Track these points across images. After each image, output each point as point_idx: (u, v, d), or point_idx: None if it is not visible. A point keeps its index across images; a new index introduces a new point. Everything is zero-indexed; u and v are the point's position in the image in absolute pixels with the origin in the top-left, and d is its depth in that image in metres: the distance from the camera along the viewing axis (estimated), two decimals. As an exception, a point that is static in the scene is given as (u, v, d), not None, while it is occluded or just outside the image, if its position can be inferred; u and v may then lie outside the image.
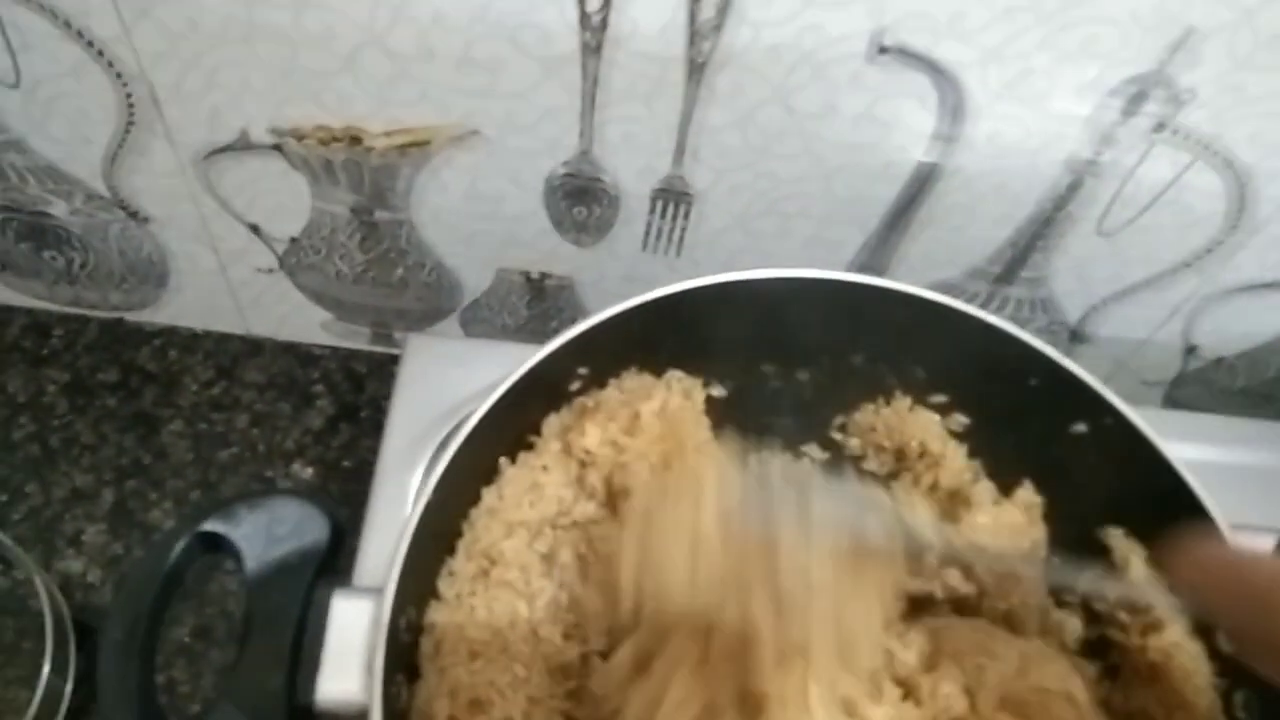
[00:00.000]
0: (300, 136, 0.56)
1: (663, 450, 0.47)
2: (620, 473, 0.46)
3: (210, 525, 0.38)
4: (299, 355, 0.74)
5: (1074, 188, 0.56)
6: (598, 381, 0.49)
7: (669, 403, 0.49)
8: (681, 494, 0.38)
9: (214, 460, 0.69)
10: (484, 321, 0.71)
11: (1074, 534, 0.48)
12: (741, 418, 0.51)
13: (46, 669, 0.56)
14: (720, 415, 0.51)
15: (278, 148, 0.57)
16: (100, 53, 0.52)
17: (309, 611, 0.38)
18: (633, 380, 0.49)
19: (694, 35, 0.49)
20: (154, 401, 0.71)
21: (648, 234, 0.62)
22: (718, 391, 0.52)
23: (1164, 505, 0.44)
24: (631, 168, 0.58)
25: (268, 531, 0.38)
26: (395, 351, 0.74)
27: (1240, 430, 0.66)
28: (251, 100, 0.54)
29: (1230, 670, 0.42)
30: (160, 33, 0.50)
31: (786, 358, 0.52)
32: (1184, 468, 0.44)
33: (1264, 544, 0.45)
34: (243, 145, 0.57)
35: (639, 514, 0.38)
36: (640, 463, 0.46)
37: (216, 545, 0.39)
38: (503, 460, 0.46)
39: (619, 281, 0.66)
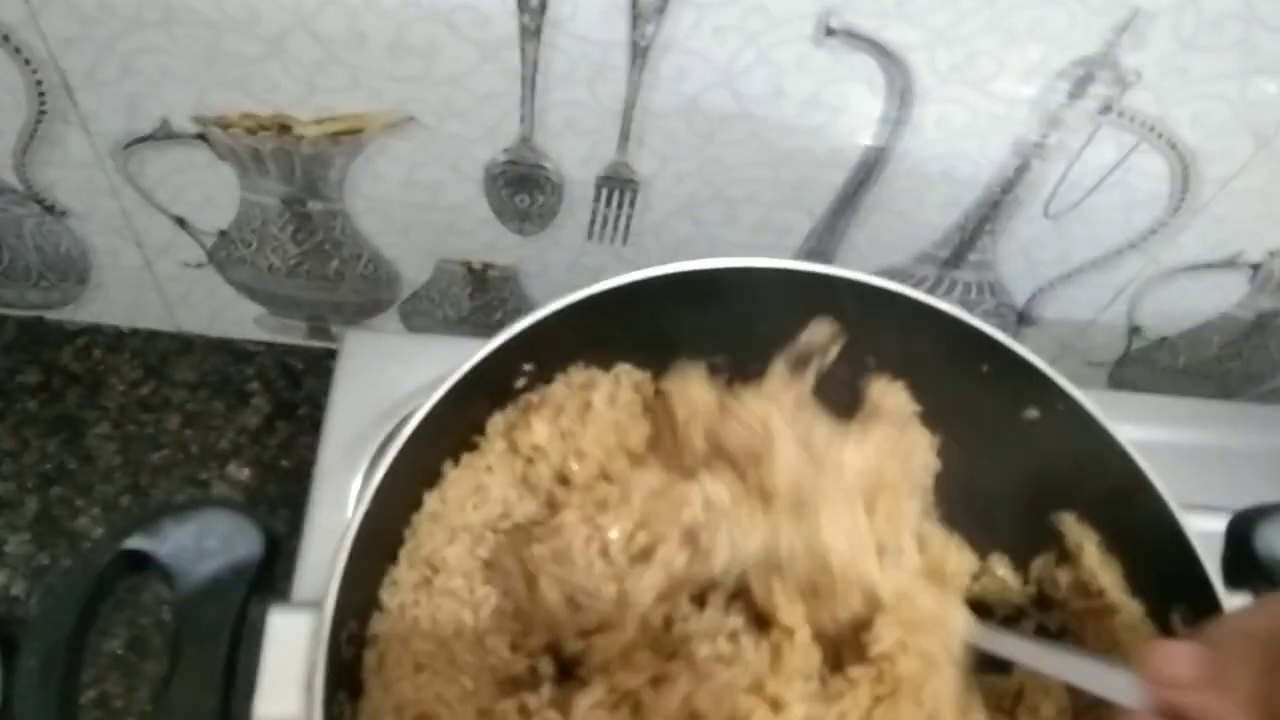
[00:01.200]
0: (226, 125, 0.54)
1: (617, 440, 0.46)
2: (575, 459, 0.44)
3: (134, 542, 0.36)
4: (232, 352, 0.71)
5: (1021, 171, 0.56)
6: (544, 377, 0.47)
7: (618, 395, 0.48)
8: None
9: (144, 463, 0.66)
10: (425, 314, 0.69)
11: (1025, 521, 0.48)
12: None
13: (-32, 688, 0.53)
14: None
15: (202, 137, 0.54)
16: (5, 38, 0.49)
17: (243, 628, 0.36)
18: (580, 375, 0.47)
19: (636, 18, 0.48)
20: (78, 403, 0.68)
21: (593, 222, 0.61)
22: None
23: (1115, 489, 0.44)
24: (575, 155, 0.56)
25: (197, 546, 0.36)
26: (333, 346, 0.71)
27: (1184, 410, 0.67)
28: (172, 87, 0.51)
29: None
30: (71, 16, 0.47)
31: (737, 349, 0.51)
32: (1135, 450, 0.44)
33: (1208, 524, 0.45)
34: (164, 135, 0.54)
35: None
36: (596, 448, 0.45)
37: (142, 563, 0.37)
38: (446, 463, 0.44)
39: (564, 271, 0.65)
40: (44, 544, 0.63)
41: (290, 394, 0.70)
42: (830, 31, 0.48)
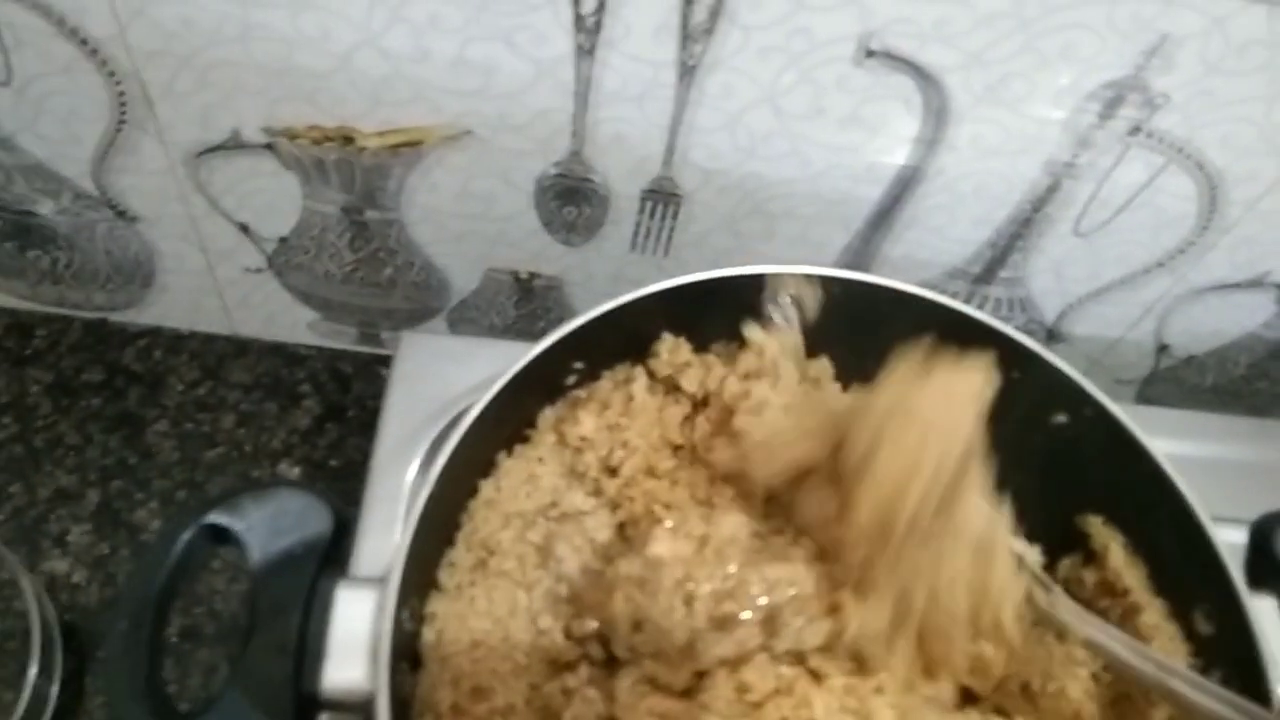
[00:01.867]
0: (293, 136, 0.57)
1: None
2: (620, 451, 0.47)
3: (215, 517, 0.39)
4: (285, 355, 0.74)
5: (1052, 189, 0.58)
6: (592, 375, 0.50)
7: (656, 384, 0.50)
8: None
9: (200, 460, 0.69)
10: (471, 321, 0.71)
11: (1053, 522, 0.50)
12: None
13: (33, 671, 0.56)
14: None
15: (270, 147, 0.57)
16: (94, 51, 0.52)
17: (314, 602, 0.38)
18: (626, 371, 0.50)
19: (686, 38, 0.51)
20: (139, 402, 0.71)
21: (636, 234, 0.63)
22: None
23: (1141, 493, 0.46)
24: (622, 168, 0.59)
25: (272, 523, 0.39)
26: (381, 352, 0.74)
27: (1211, 425, 0.68)
28: (244, 99, 0.54)
29: (1204, 651, 0.43)
30: (155, 31, 0.51)
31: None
32: (1162, 456, 0.45)
33: (1233, 536, 0.46)
34: (234, 144, 0.57)
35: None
36: (640, 440, 0.47)
37: (221, 537, 0.39)
38: (500, 454, 0.46)
39: (607, 281, 0.67)
40: (104, 535, 0.66)
41: (340, 397, 0.73)
42: (870, 53, 0.51)
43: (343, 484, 0.68)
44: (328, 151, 0.57)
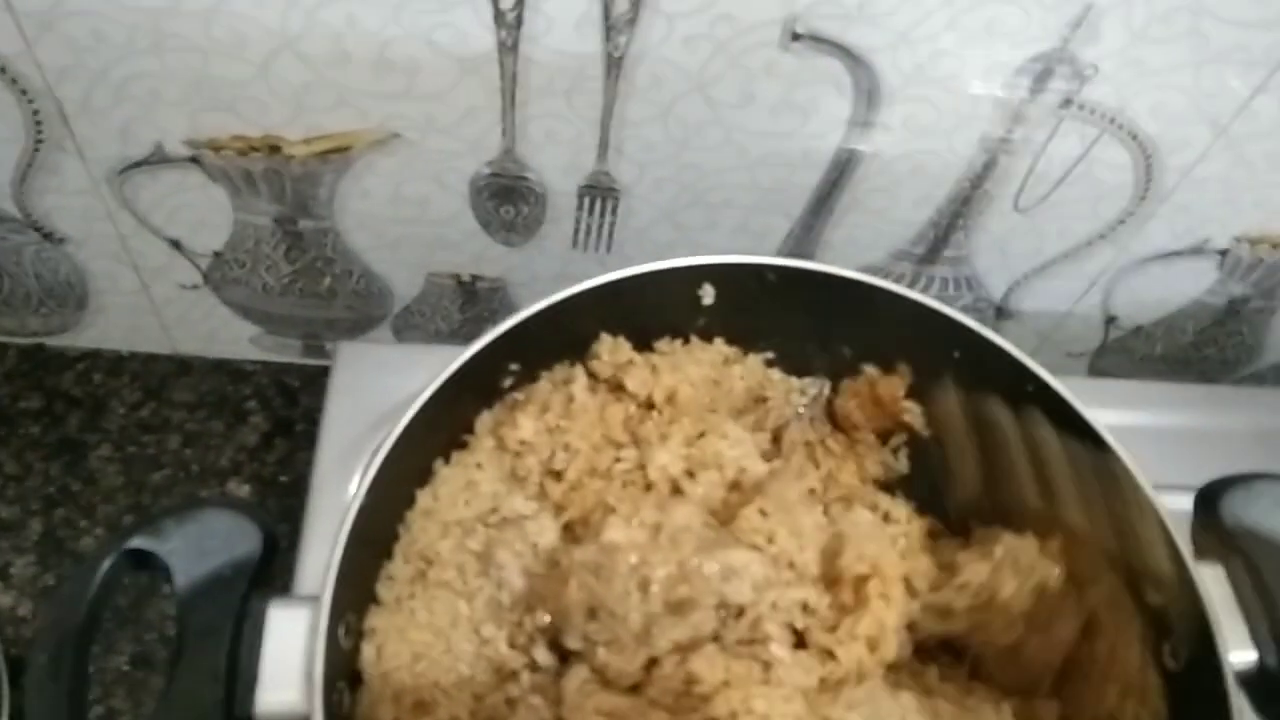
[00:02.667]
0: (217, 148, 0.55)
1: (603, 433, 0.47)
2: (562, 454, 0.46)
3: (136, 542, 0.37)
4: (229, 372, 0.73)
5: (989, 166, 0.58)
6: (530, 376, 0.49)
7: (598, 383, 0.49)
8: None
9: (146, 483, 0.68)
10: (417, 328, 0.70)
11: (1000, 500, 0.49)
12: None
13: (-22, 706, 0.54)
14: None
15: (195, 160, 0.56)
16: (2, 69, 0.50)
17: (244, 624, 0.37)
18: (565, 372, 0.49)
19: (609, 30, 0.50)
20: (80, 427, 0.69)
21: (577, 231, 0.63)
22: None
23: (1088, 466, 0.45)
24: (556, 165, 0.58)
25: (198, 545, 0.38)
26: (328, 363, 0.72)
27: (1160, 394, 0.68)
28: (164, 112, 0.53)
29: (1156, 622, 0.43)
30: (65, 46, 0.49)
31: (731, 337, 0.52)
32: (1106, 431, 0.45)
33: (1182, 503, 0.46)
34: (158, 159, 0.56)
35: None
36: (581, 442, 0.46)
37: (145, 562, 0.38)
38: (437, 461, 0.45)
39: (551, 281, 0.65)
40: (49, 565, 0.64)
41: (287, 411, 0.72)
42: (796, 36, 0.50)
43: (293, 500, 0.67)
44: (255, 162, 0.56)
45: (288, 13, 0.48)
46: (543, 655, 0.41)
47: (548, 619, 0.42)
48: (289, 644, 0.37)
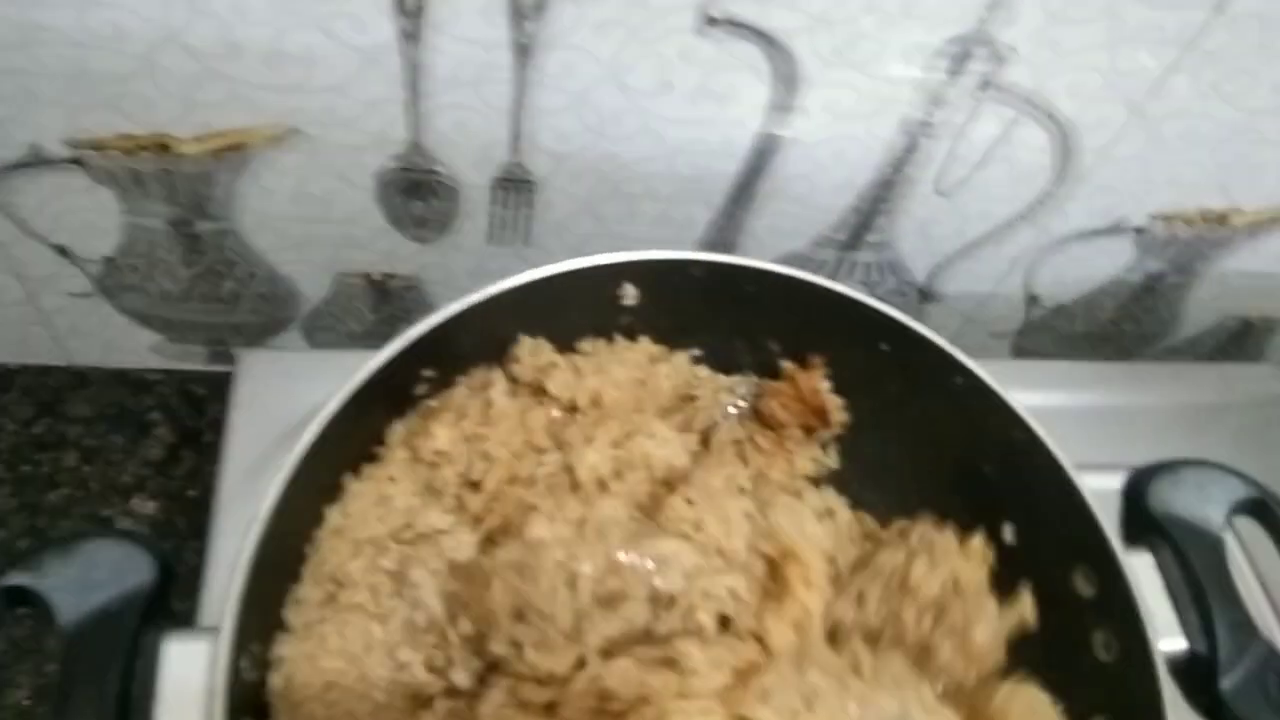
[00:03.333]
0: (101, 147, 0.52)
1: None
2: (481, 463, 0.44)
3: (13, 579, 0.34)
4: (130, 382, 0.69)
5: (910, 150, 0.57)
6: (445, 382, 0.47)
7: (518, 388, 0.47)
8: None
9: (41, 505, 0.64)
10: (328, 330, 0.67)
11: (934, 492, 0.49)
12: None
13: None
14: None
15: (77, 161, 0.53)
16: None
17: (136, 661, 0.34)
18: (482, 376, 0.47)
19: (517, 16, 0.48)
20: (-33, 447, 0.65)
21: (492, 225, 0.60)
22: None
23: (1016, 454, 0.45)
24: (467, 157, 0.55)
25: (83, 578, 0.35)
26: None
27: (1083, 374, 0.68)
28: (40, 111, 0.50)
29: (1088, 612, 0.42)
30: (-78, 41, 0.46)
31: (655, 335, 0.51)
32: (1031, 417, 0.44)
33: (1109, 483, 0.46)
34: (36, 161, 0.52)
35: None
36: (501, 450, 0.44)
37: (24, 600, 0.35)
38: (346, 476, 0.43)
39: (468, 277, 0.64)
40: (-62, 596, 0.60)
41: (194, 421, 0.68)
42: (711, 21, 0.49)
43: (204, 515, 0.64)
44: (143, 162, 0.53)
45: (170, 2, 0.45)
46: (461, 678, 0.39)
47: (470, 628, 0.40)
48: (187, 680, 0.35)
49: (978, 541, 0.43)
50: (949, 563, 0.43)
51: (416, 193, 0.57)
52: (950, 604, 0.42)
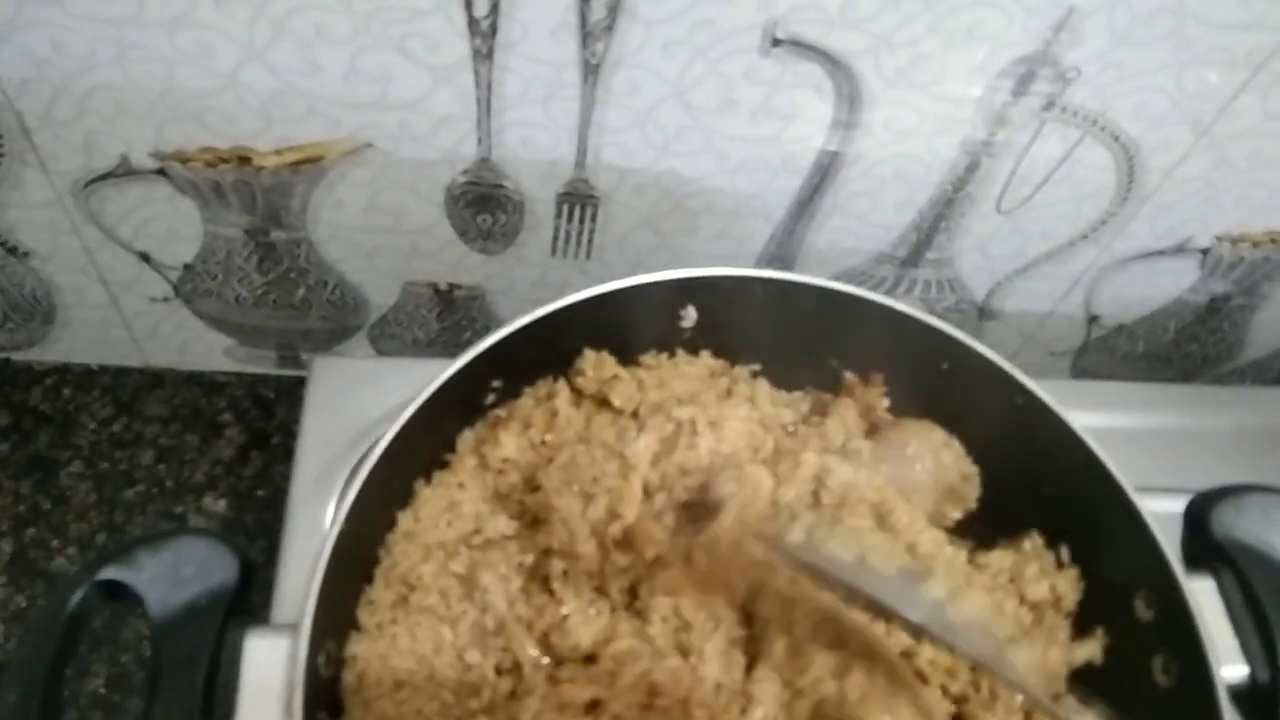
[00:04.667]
0: (185, 159, 0.54)
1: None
2: (544, 470, 0.45)
3: (109, 573, 0.36)
4: (203, 384, 0.71)
5: (971, 169, 0.57)
6: (512, 392, 0.48)
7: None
8: None
9: (119, 500, 0.66)
10: (394, 337, 0.69)
11: (994, 510, 0.49)
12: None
13: (-51, 735, 0.53)
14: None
15: (162, 172, 0.55)
16: (-40, 82, 0.49)
17: (221, 654, 0.36)
18: (548, 387, 0.48)
19: (586, 36, 0.49)
20: (50, 443, 0.68)
21: (556, 238, 0.62)
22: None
23: (1077, 476, 0.45)
24: (534, 172, 0.57)
25: (172, 574, 0.37)
26: (303, 374, 0.71)
27: (1143, 395, 0.68)
28: (129, 124, 0.52)
29: (1147, 636, 0.42)
30: (23, 58, 0.48)
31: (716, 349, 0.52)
32: (1091, 437, 0.44)
33: (1170, 506, 0.46)
34: (124, 171, 0.55)
35: None
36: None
37: (118, 593, 0.37)
38: (418, 482, 0.44)
39: (530, 288, 0.65)
40: (21, 587, 0.63)
41: (263, 423, 0.70)
42: (776, 42, 0.49)
43: (270, 514, 0.66)
44: (224, 173, 0.55)
45: (255, 22, 0.47)
46: (536, 677, 0.40)
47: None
48: (267, 674, 0.36)
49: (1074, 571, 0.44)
50: (1050, 578, 0.43)
51: (484, 206, 0.58)
52: (1045, 614, 0.42)
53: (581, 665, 0.39)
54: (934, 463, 0.48)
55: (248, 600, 0.38)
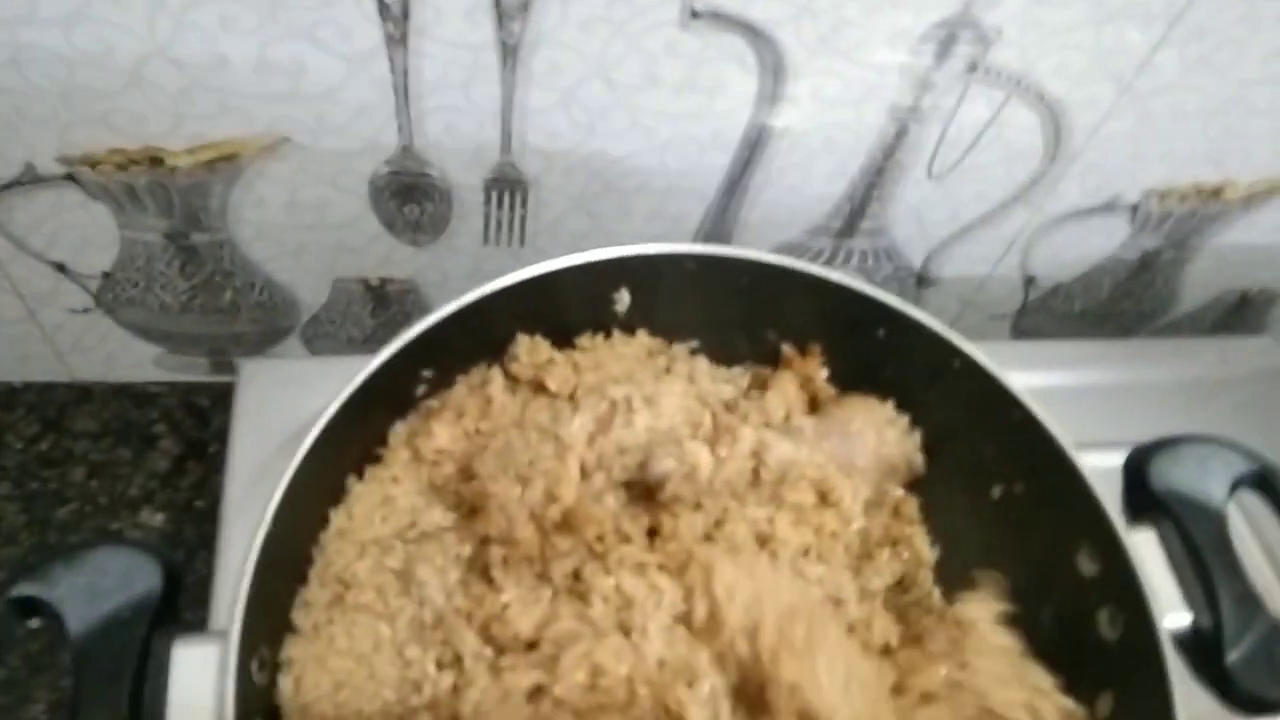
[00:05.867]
0: (94, 163, 0.52)
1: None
2: (479, 457, 0.44)
3: (23, 589, 0.35)
4: (133, 396, 0.69)
5: (900, 135, 0.57)
6: (445, 382, 0.47)
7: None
8: None
9: (51, 520, 0.64)
10: (328, 337, 0.68)
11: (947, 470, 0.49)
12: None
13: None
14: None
15: (71, 177, 0.53)
16: None
17: (148, 666, 0.35)
18: (481, 375, 0.47)
19: (502, 17, 0.48)
20: (-26, 466, 0.65)
21: (487, 226, 0.60)
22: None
23: (1017, 436, 0.45)
24: (458, 159, 0.56)
25: (90, 587, 0.35)
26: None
27: (1081, 352, 0.68)
28: (31, 129, 0.50)
29: (1091, 591, 0.42)
30: (-87, 63, 0.46)
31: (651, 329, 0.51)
32: (1029, 397, 0.44)
33: (1112, 460, 0.46)
34: (30, 179, 0.53)
35: None
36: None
37: (35, 609, 0.35)
38: (350, 478, 0.43)
39: (465, 279, 0.64)
40: (-49, 615, 0.60)
41: (198, 433, 0.69)
42: (695, 14, 0.49)
43: (211, 525, 0.64)
44: (136, 176, 0.53)
45: (154, 16, 0.45)
46: (478, 669, 0.39)
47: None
48: (198, 684, 0.35)
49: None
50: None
51: (410, 196, 0.57)
52: None
53: (523, 653, 0.38)
54: (877, 439, 0.48)
55: (175, 610, 0.37)
